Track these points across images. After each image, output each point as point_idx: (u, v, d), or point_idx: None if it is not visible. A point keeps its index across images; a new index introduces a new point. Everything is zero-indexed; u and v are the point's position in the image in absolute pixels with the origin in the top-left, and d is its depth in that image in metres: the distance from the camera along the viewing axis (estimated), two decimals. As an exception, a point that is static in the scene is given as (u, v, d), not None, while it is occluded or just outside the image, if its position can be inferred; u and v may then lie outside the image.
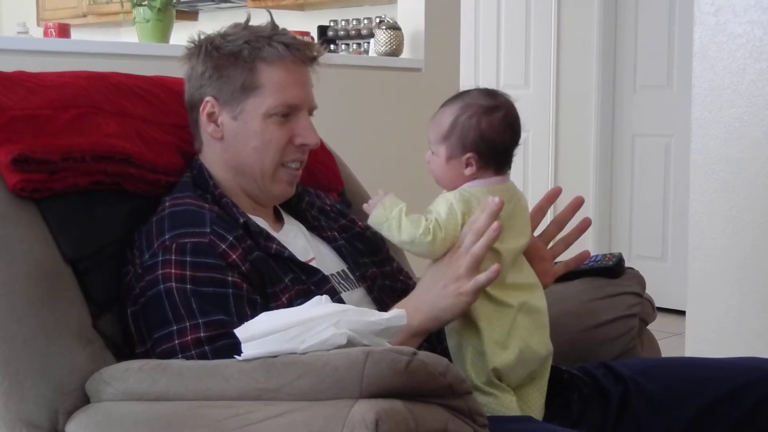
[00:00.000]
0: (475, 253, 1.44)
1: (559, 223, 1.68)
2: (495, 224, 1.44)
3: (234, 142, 1.61)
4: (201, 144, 1.66)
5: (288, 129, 1.61)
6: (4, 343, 1.40)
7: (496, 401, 1.48)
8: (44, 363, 1.40)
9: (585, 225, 1.66)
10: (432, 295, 1.47)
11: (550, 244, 1.68)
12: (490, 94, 1.54)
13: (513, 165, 1.57)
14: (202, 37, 1.64)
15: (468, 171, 1.52)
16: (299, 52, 1.62)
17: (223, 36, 1.62)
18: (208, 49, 1.61)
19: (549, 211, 1.68)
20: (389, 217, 1.52)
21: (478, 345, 1.49)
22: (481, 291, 1.45)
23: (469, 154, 1.51)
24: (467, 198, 1.50)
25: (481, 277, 1.43)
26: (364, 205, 1.56)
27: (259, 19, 1.66)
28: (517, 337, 1.50)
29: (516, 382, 1.52)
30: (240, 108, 1.59)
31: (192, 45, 1.64)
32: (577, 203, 1.66)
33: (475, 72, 5.53)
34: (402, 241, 1.51)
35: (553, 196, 1.67)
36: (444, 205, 1.50)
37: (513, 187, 1.56)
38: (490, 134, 1.51)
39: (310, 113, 1.65)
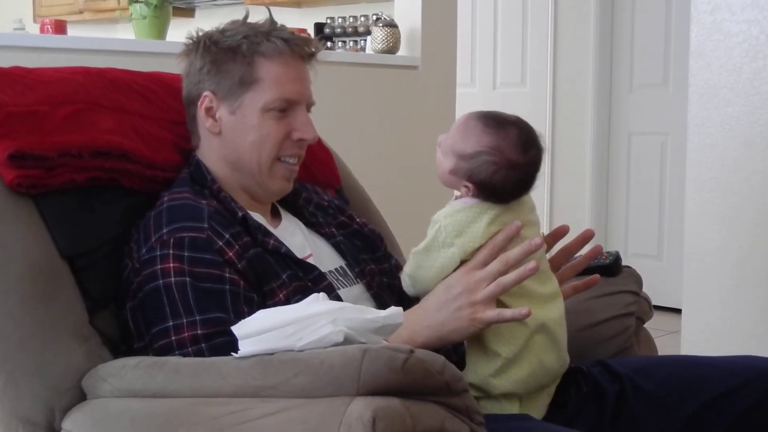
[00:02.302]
0: (504, 283, 1.43)
1: (567, 252, 1.65)
2: (532, 264, 1.42)
3: (232, 137, 1.61)
4: (199, 140, 1.66)
5: (286, 124, 1.61)
6: (1, 342, 1.40)
7: (500, 406, 1.48)
8: (41, 361, 1.39)
9: (587, 236, 1.62)
10: (444, 315, 1.46)
11: (552, 252, 1.65)
12: (526, 147, 1.47)
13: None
14: (201, 33, 1.64)
15: (463, 191, 1.50)
16: (298, 48, 1.62)
17: (221, 32, 1.62)
18: (206, 44, 1.61)
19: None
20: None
21: (485, 366, 1.47)
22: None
23: (470, 184, 1.49)
24: (460, 220, 1.48)
25: (507, 313, 1.42)
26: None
27: (257, 16, 1.66)
28: (531, 355, 1.47)
29: (525, 393, 1.50)
30: (238, 102, 1.59)
31: (190, 41, 1.64)
32: (587, 236, 1.62)
33: (472, 70, 5.53)
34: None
35: (560, 234, 1.61)
36: (432, 229, 1.49)
37: (518, 205, 1.52)
38: (500, 185, 1.47)
39: (308, 109, 1.65)
